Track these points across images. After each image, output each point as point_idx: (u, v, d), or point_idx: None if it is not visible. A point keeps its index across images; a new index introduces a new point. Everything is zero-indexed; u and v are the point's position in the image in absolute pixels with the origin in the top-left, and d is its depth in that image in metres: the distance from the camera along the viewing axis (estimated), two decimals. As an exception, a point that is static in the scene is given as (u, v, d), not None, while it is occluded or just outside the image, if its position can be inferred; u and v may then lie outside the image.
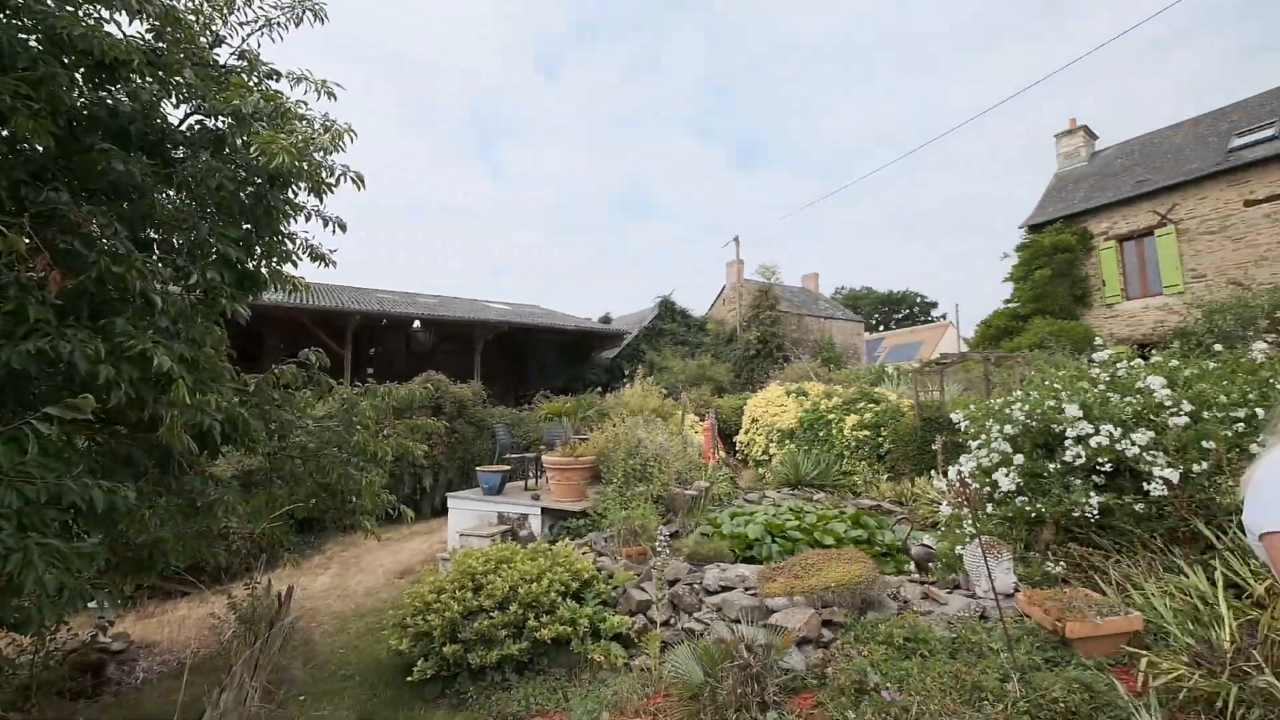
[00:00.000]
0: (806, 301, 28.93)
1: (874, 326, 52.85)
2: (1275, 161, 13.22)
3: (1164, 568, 3.17)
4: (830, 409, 10.82)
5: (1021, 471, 3.94)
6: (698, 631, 3.74)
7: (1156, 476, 3.34)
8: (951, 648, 2.94)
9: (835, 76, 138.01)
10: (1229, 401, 3.63)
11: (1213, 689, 2.41)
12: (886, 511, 7.26)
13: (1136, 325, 14.69)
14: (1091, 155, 18.51)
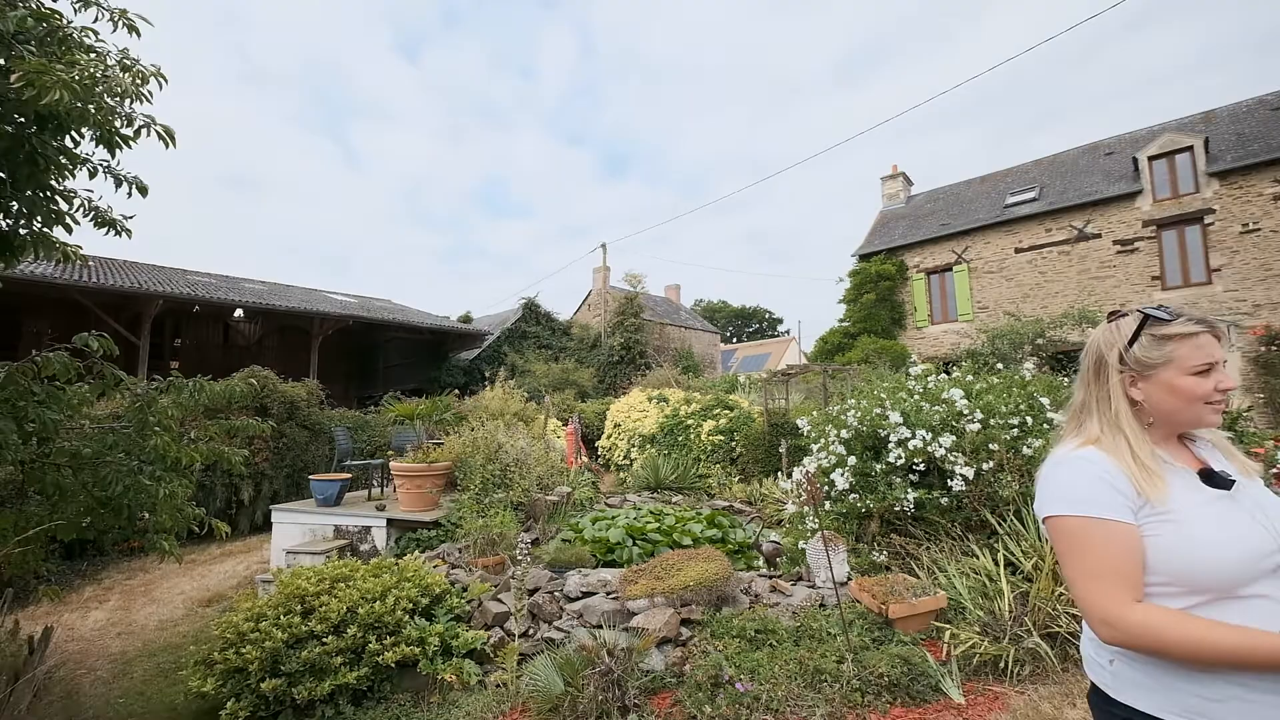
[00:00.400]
0: (669, 311, 30.05)
1: (728, 339, 56.45)
2: (1036, 219, 16.34)
3: (962, 552, 3.71)
4: (689, 415, 11.29)
5: (854, 471, 4.37)
6: (558, 640, 3.64)
7: (957, 474, 3.90)
8: (796, 636, 3.16)
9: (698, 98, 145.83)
10: (1008, 410, 4.35)
11: (997, 652, 2.85)
12: (738, 511, 7.70)
13: (939, 346, 17.25)
14: (908, 198, 21.47)
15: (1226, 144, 14.23)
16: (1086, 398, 1.17)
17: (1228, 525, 0.99)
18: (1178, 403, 1.07)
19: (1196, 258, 14.09)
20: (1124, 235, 14.90)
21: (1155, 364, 1.08)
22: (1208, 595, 0.97)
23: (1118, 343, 1.13)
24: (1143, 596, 1.00)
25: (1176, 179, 14.43)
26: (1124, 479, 1.03)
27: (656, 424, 11.88)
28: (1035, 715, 2.44)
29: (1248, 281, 13.33)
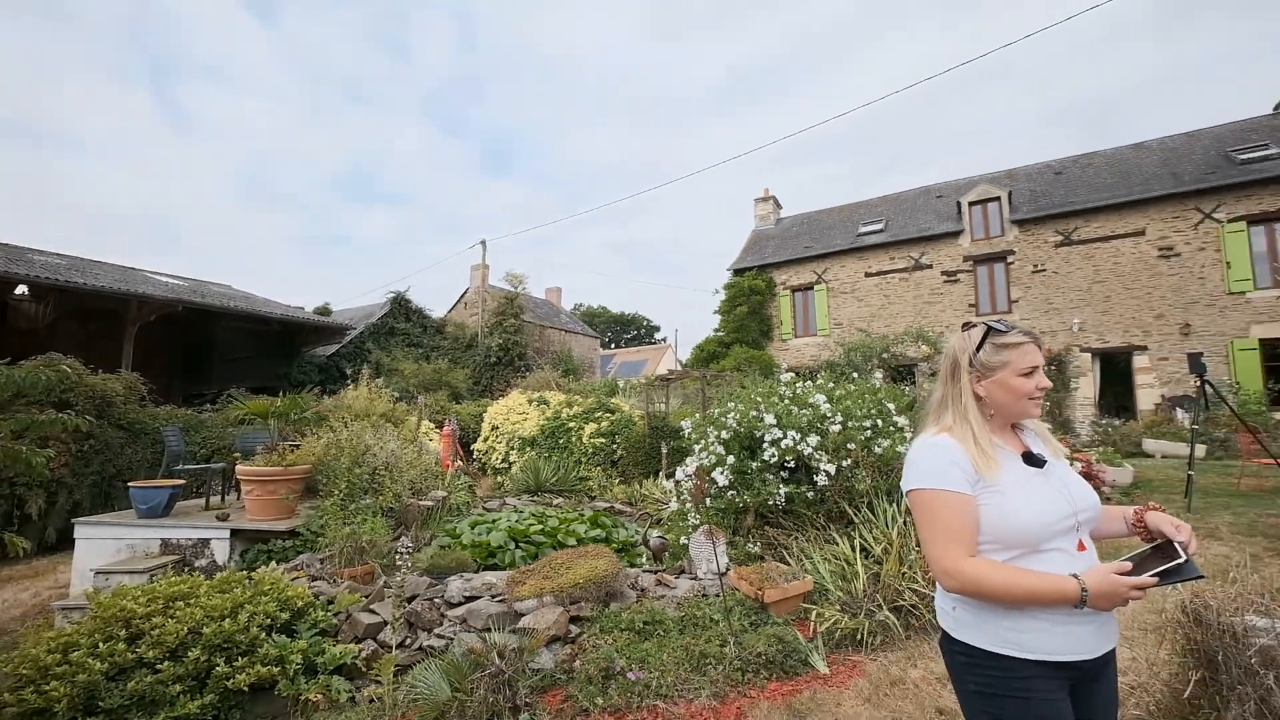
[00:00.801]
0: (549, 314, 29.77)
1: (607, 344, 57.05)
2: (882, 248, 18.47)
3: (825, 540, 4.11)
4: (571, 418, 11.28)
5: (732, 470, 4.67)
6: (439, 649, 3.48)
7: (822, 470, 4.32)
8: (681, 625, 3.31)
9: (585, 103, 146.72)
10: (862, 414, 4.90)
11: (854, 626, 3.21)
12: (619, 512, 7.84)
13: (801, 356, 18.84)
14: (778, 220, 23.26)
15: (1023, 198, 17.17)
16: (945, 394, 1.40)
17: (1037, 496, 1.26)
18: (1010, 398, 1.33)
19: (1001, 290, 16.81)
20: (950, 267, 17.38)
21: (995, 366, 1.33)
22: (1019, 550, 1.24)
23: (968, 349, 1.37)
24: (976, 553, 1.25)
25: (989, 223, 17.13)
26: (967, 460, 1.27)
27: (537, 426, 11.72)
28: (885, 677, 2.79)
29: (1036, 312, 16.14)
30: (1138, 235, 15.13)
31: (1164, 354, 14.57)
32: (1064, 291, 15.88)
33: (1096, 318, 15.46)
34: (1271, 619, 1.78)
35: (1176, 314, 14.58)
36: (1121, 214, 15.35)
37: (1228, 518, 5.45)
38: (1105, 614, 1.20)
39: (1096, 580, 1.13)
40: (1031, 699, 1.17)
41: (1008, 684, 1.20)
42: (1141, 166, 16.39)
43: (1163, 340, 14.67)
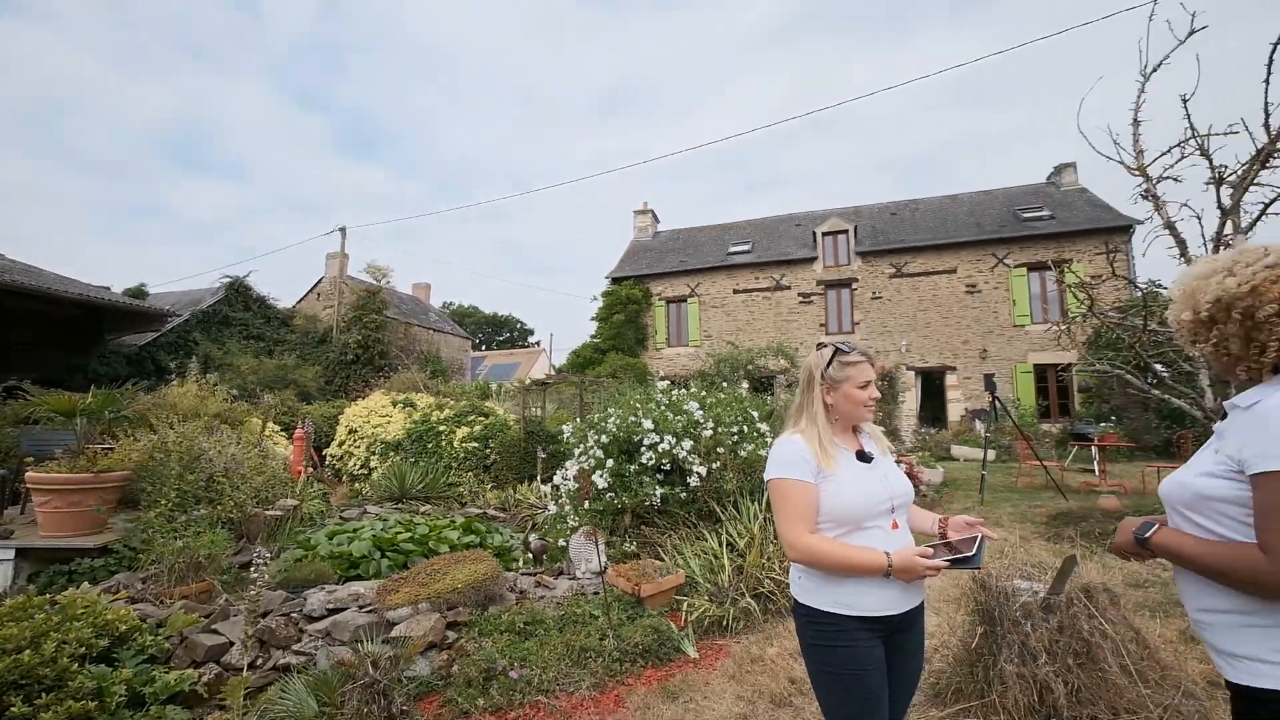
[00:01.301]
0: (416, 311, 28.17)
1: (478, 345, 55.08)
2: (749, 267, 19.93)
3: (696, 537, 4.43)
4: (441, 421, 10.83)
5: (612, 472, 4.85)
6: (297, 666, 3.24)
7: (694, 472, 4.65)
8: (562, 623, 3.40)
9: (462, 95, 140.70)
10: (730, 420, 5.34)
11: (721, 614, 3.52)
12: (493, 518, 7.69)
13: (674, 365, 19.67)
14: (655, 233, 24.12)
15: (866, 232, 19.51)
16: (801, 401, 1.69)
17: (864, 485, 1.57)
18: (851, 406, 1.64)
19: (846, 313, 18.91)
20: (805, 290, 19.21)
21: (840, 380, 1.64)
22: (848, 526, 1.54)
23: (821, 365, 1.67)
24: (815, 529, 1.54)
25: (838, 252, 19.22)
26: (813, 456, 1.57)
27: (403, 430, 11.09)
28: (747, 656, 3.11)
29: (874, 333, 18.38)
30: (951, 273, 17.88)
31: (968, 374, 17.30)
32: (896, 317, 18.27)
33: (920, 341, 17.97)
34: (1031, 582, 2.31)
35: (978, 340, 17.40)
36: (940, 254, 18.04)
37: (1008, 509, 6.68)
38: None
39: (900, 557, 1.45)
40: (855, 647, 1.48)
41: (837, 636, 1.50)
42: (955, 215, 19.41)
43: (967, 362, 17.42)
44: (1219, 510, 1.06)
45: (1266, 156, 4.18)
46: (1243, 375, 1.12)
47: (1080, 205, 18.05)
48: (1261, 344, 1.06)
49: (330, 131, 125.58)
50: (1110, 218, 16.70)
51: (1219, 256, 1.18)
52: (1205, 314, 1.12)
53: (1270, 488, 0.96)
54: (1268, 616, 1.00)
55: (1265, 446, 0.98)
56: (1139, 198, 4.99)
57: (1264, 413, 1.01)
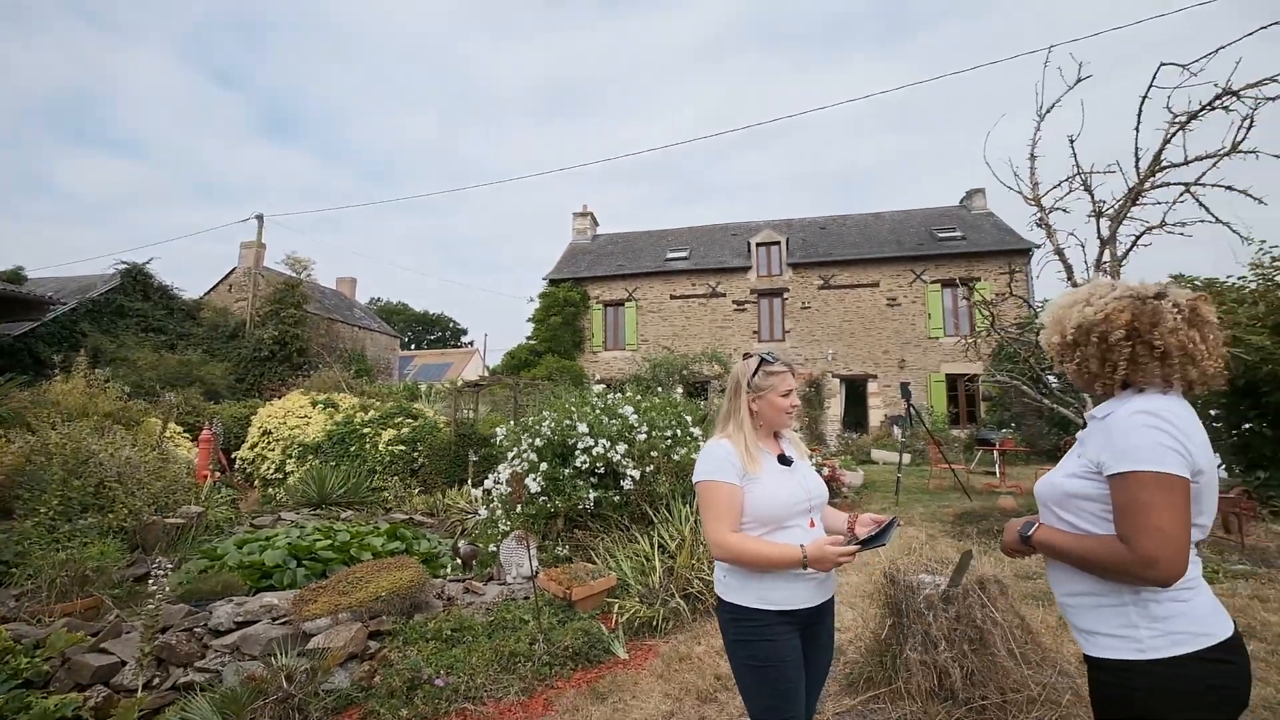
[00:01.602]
0: (340, 306, 26.83)
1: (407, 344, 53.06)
2: (686, 274, 20.29)
3: (628, 539, 4.48)
4: (366, 423, 10.38)
5: (545, 476, 4.83)
6: (201, 684, 3.03)
7: (628, 475, 4.70)
8: (491, 629, 3.36)
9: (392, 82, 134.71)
10: (664, 425, 5.43)
11: (651, 614, 3.58)
12: (420, 523, 7.45)
13: (610, 369, 19.71)
14: (594, 236, 24.11)
15: (797, 245, 20.32)
16: (729, 408, 1.78)
17: (784, 487, 1.68)
18: (774, 413, 1.75)
19: (778, 321, 19.61)
20: (739, 298, 19.77)
21: (765, 389, 1.74)
22: (770, 525, 1.64)
23: (747, 374, 1.76)
24: (739, 528, 1.63)
25: (771, 263, 19.91)
26: (738, 459, 1.66)
27: (323, 432, 10.54)
28: (676, 655, 3.19)
29: (803, 342, 19.16)
30: (874, 286, 18.91)
31: (887, 382, 18.34)
32: (823, 326, 19.12)
33: (845, 350, 18.88)
34: (934, 576, 2.51)
35: (896, 351, 18.48)
36: (864, 268, 19.06)
37: (920, 509, 7.15)
38: (824, 575, 1.64)
39: (814, 548, 1.55)
40: (776, 640, 1.58)
41: (759, 630, 1.59)
42: (878, 232, 20.56)
43: (887, 371, 18.47)
44: (1082, 507, 1.22)
45: (1137, 194, 4.72)
46: (1099, 390, 1.30)
47: (988, 228, 19.58)
48: (1114, 363, 1.23)
49: (247, 110, 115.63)
50: (1013, 241, 18.21)
51: (1078, 290, 1.36)
52: (1070, 337, 1.29)
53: (1122, 488, 1.12)
54: (1114, 597, 1.17)
55: (1116, 451, 1.14)
56: (1034, 225, 5.50)
57: (1114, 423, 1.18)
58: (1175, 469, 1.10)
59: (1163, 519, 1.07)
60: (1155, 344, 1.20)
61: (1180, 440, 1.12)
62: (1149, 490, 1.09)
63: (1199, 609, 1.15)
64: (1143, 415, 1.15)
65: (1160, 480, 1.09)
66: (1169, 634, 1.12)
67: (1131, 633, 1.15)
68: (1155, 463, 1.10)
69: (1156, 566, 1.07)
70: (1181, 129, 4.36)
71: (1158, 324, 1.21)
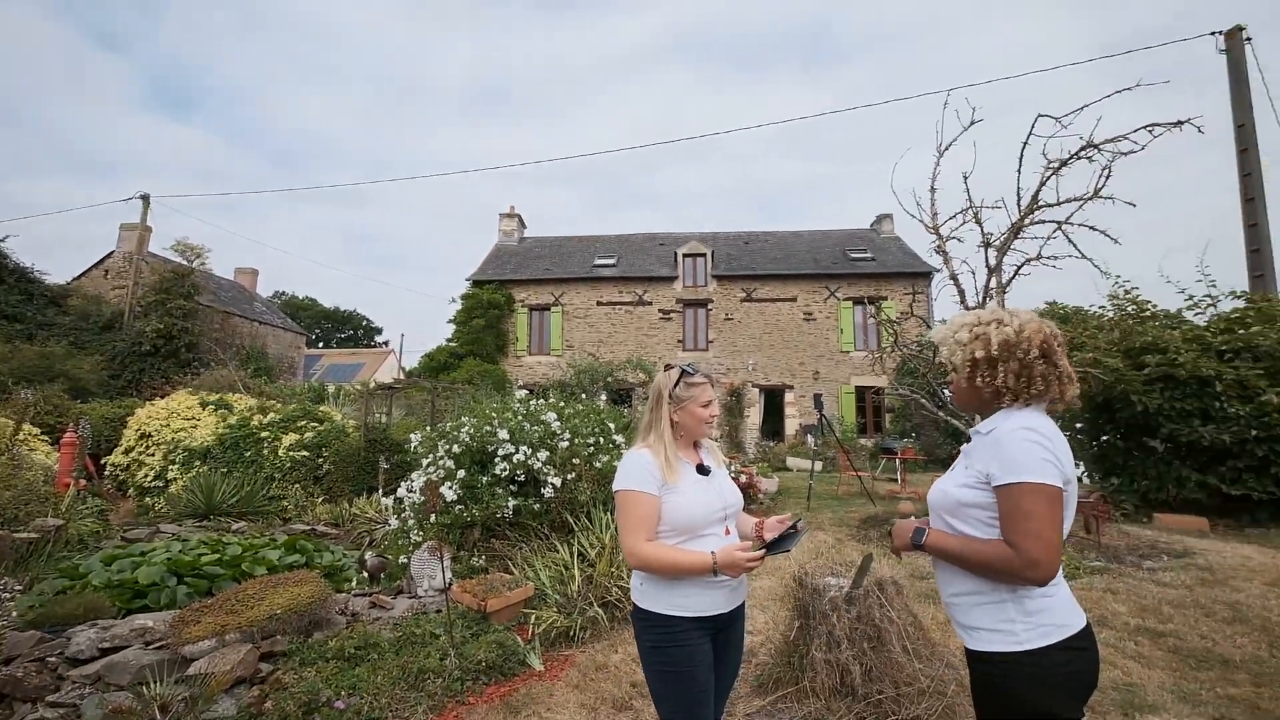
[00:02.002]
0: (239, 299, 24.83)
1: (314, 342, 49.86)
2: (613, 281, 20.36)
3: (548, 548, 4.41)
4: (264, 426, 9.63)
5: (462, 484, 4.68)
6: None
7: (549, 483, 4.64)
8: (398, 645, 3.20)
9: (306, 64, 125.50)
10: (587, 432, 5.41)
11: (568, 624, 3.54)
12: (323, 535, 7.00)
13: (534, 374, 19.40)
14: (521, 238, 23.73)
15: (721, 258, 20.94)
16: (650, 418, 1.81)
17: (701, 496, 1.73)
18: (694, 423, 1.79)
19: (702, 331, 20.08)
20: (665, 307, 20.08)
21: (685, 400, 1.79)
22: (687, 534, 1.68)
23: (669, 385, 1.80)
24: (655, 538, 1.66)
25: (696, 274, 20.38)
26: (658, 469, 1.69)
27: (214, 435, 9.70)
28: (592, 664, 3.17)
29: (725, 352, 19.72)
30: (792, 301, 19.81)
31: (803, 393, 19.21)
32: (745, 338, 19.77)
33: (765, 361, 19.61)
34: (839, 578, 2.65)
35: (812, 363, 19.42)
36: (784, 283, 19.92)
37: (829, 514, 7.53)
38: (737, 581, 1.70)
39: (723, 554, 1.60)
40: (689, 646, 1.62)
41: (673, 636, 1.63)
42: (798, 249, 21.58)
43: (803, 382, 19.35)
44: (970, 514, 1.33)
45: (1019, 229, 5.26)
46: (981, 406, 1.43)
47: (895, 251, 21.04)
48: (1029, 379, 1.35)
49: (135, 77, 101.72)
50: (917, 264, 19.67)
51: (981, 312, 1.49)
52: (995, 353, 1.36)
53: (1009, 497, 1.24)
54: (994, 595, 1.30)
55: (1003, 464, 1.26)
56: (933, 251, 5.98)
57: (1001, 438, 1.31)
58: (1053, 480, 1.22)
59: (1043, 525, 1.20)
60: (1058, 364, 1.36)
61: (1055, 454, 1.26)
62: (1031, 499, 1.21)
63: (1061, 602, 1.29)
64: (1025, 431, 1.27)
65: (1041, 490, 1.21)
66: (1039, 626, 1.25)
67: (1009, 627, 1.27)
68: (1037, 474, 1.22)
69: (1039, 568, 1.19)
70: (1055, 174, 4.93)
71: (1059, 348, 1.36)
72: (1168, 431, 6.54)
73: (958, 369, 1.44)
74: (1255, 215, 8.56)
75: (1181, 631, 3.42)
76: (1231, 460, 6.31)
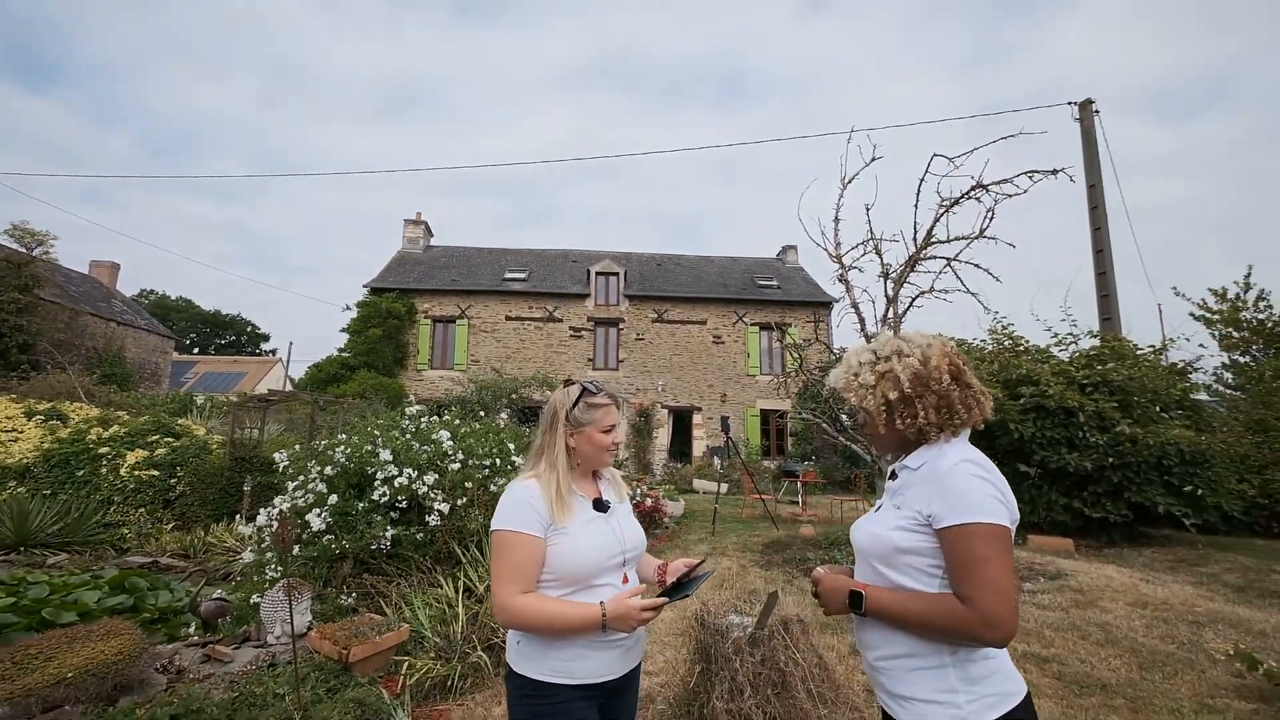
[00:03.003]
0: (93, 296, 21.84)
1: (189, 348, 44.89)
2: (524, 296, 19.85)
3: (430, 584, 3.96)
4: (104, 440, 8.30)
5: (334, 510, 4.13)
6: None
7: (435, 509, 4.20)
8: (231, 709, 2.66)
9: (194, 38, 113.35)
10: (483, 453, 5.01)
11: (447, 672, 3.14)
12: (166, 568, 6.04)
13: (435, 389, 18.35)
14: (427, 246, 22.64)
15: (634, 278, 21.03)
16: (543, 442, 1.54)
17: (596, 538, 1.46)
18: (593, 450, 1.53)
19: (613, 350, 19.96)
20: (576, 324, 19.79)
21: (585, 423, 1.53)
22: (575, 585, 1.41)
23: (567, 404, 1.54)
24: (533, 589, 1.39)
25: (609, 292, 20.30)
26: (544, 504, 1.42)
27: (38, 451, 8.22)
28: (470, 719, 2.79)
29: (635, 372, 19.68)
30: (702, 324, 20.20)
31: (711, 414, 19.52)
32: (656, 358, 19.86)
33: (674, 382, 19.77)
34: (742, 616, 2.49)
35: (720, 385, 19.81)
36: (694, 306, 20.29)
37: (734, 538, 7.50)
38: (632, 640, 1.45)
39: (614, 605, 1.36)
40: (571, 717, 1.36)
41: (553, 708, 1.36)
42: (708, 274, 22.13)
43: (710, 404, 19.68)
44: (910, 563, 1.14)
45: (915, 262, 5.53)
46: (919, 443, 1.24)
47: (798, 280, 22.11)
48: (950, 408, 1.20)
49: None
50: (818, 294, 20.76)
51: (875, 345, 1.33)
52: (909, 390, 1.20)
53: (958, 540, 1.05)
54: (933, 659, 1.10)
55: (948, 503, 1.08)
56: (836, 280, 6.18)
57: (939, 473, 1.12)
58: (1003, 520, 1.07)
59: (999, 572, 1.02)
60: (971, 384, 1.22)
61: (1000, 489, 1.11)
62: (984, 543, 1.04)
63: (1005, 665, 1.12)
64: (968, 464, 1.12)
65: (993, 532, 1.05)
66: (984, 697, 1.07)
67: (949, 698, 1.08)
68: (988, 514, 1.06)
69: (998, 627, 1.01)
70: (948, 210, 5.25)
71: (966, 366, 1.23)
72: (1040, 458, 7.11)
73: (872, 415, 1.27)
74: (1104, 265, 9.69)
75: (1063, 656, 3.57)
76: (1092, 485, 6.94)
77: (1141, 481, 6.61)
